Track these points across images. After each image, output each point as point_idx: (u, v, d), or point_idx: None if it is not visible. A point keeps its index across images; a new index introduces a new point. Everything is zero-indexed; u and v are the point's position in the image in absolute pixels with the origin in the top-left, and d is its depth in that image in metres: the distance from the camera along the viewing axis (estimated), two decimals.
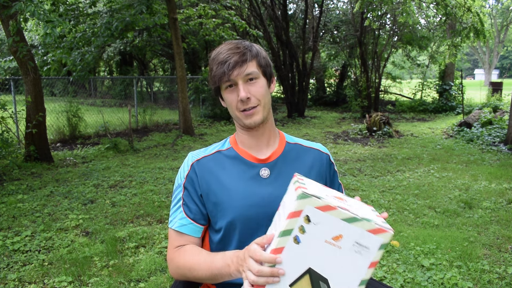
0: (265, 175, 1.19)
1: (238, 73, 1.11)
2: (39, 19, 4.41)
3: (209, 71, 1.17)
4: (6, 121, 5.87)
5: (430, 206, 4.17)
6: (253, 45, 1.17)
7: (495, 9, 30.88)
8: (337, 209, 0.84)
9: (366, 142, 8.32)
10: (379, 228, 0.85)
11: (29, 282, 2.73)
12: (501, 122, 8.88)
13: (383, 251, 0.87)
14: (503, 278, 2.69)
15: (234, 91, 1.13)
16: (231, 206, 1.16)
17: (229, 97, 1.15)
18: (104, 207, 4.21)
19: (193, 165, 1.21)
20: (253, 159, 1.20)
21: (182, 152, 7.28)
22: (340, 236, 0.86)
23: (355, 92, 14.01)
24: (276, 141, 1.25)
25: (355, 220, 0.85)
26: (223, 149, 1.24)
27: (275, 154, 1.22)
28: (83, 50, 8.32)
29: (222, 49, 1.14)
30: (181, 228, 1.17)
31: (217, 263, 1.05)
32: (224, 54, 1.12)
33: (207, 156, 1.23)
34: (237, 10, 12.53)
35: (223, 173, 1.19)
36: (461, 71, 12.58)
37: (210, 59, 1.17)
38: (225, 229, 1.17)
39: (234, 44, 1.14)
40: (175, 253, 1.17)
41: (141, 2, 7.89)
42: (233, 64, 1.10)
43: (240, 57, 1.11)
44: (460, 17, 9.23)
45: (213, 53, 1.16)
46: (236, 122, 1.22)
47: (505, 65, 53.79)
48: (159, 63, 22.00)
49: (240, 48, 1.13)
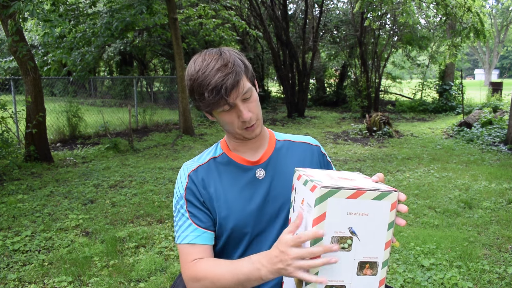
0: (261, 176, 1.18)
1: (236, 95, 1.04)
2: (38, 18, 4.41)
3: (196, 94, 1.05)
4: (6, 121, 5.87)
5: (430, 206, 4.17)
6: (234, 55, 1.07)
7: (495, 9, 30.88)
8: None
9: (366, 142, 8.32)
10: (313, 185, 0.88)
11: (29, 282, 2.73)
12: (501, 122, 8.88)
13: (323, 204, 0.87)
14: (503, 278, 2.69)
15: (233, 112, 1.07)
16: (232, 213, 1.15)
17: (227, 118, 1.09)
18: (104, 207, 4.21)
19: (190, 175, 1.18)
20: (246, 162, 1.19)
21: (182, 152, 7.28)
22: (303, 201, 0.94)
23: (355, 92, 14.01)
24: (266, 140, 1.24)
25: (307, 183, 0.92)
26: (216, 156, 1.22)
27: (266, 154, 1.21)
28: (83, 50, 8.32)
29: (207, 69, 1.02)
30: (196, 239, 1.13)
31: (243, 269, 1.01)
32: (215, 78, 1.01)
33: (202, 165, 1.20)
34: (237, 10, 12.54)
35: (220, 180, 1.18)
36: (461, 71, 12.58)
37: (192, 79, 1.05)
38: (228, 236, 1.16)
39: (219, 62, 1.03)
40: (192, 268, 1.10)
41: (141, 2, 7.89)
42: (230, 88, 1.02)
43: (234, 78, 1.02)
44: (460, 17, 9.22)
45: (194, 71, 1.05)
46: (231, 135, 1.17)
47: (505, 65, 53.78)
48: (159, 63, 21.98)
49: (228, 66, 1.02)
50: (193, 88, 1.06)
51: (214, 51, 1.08)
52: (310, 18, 14.17)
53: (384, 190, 0.89)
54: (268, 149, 1.22)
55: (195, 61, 1.07)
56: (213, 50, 1.09)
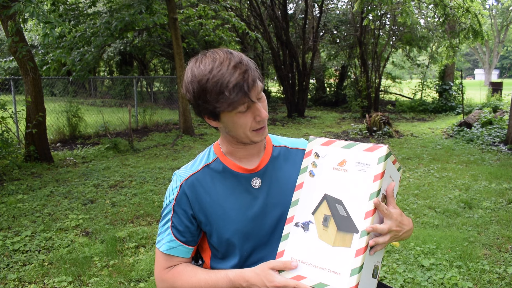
0: (257, 185, 1.15)
1: (256, 93, 1.02)
2: (38, 19, 4.41)
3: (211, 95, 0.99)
4: (6, 121, 5.87)
5: (430, 206, 4.17)
6: (242, 54, 1.04)
7: (495, 9, 30.89)
8: (336, 141, 1.05)
9: (366, 142, 8.31)
10: (373, 145, 1.00)
11: (29, 282, 2.73)
12: (501, 122, 8.88)
13: (385, 163, 0.97)
14: (503, 278, 2.69)
15: (248, 112, 1.04)
16: (228, 224, 1.12)
17: (241, 120, 1.04)
18: (104, 207, 4.21)
19: (182, 186, 1.14)
20: (242, 170, 1.15)
21: (182, 152, 7.28)
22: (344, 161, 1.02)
23: (355, 92, 14.01)
24: (263, 146, 1.20)
25: (352, 145, 1.02)
26: (210, 162, 1.17)
27: (263, 162, 1.17)
28: (83, 50, 8.32)
29: (223, 67, 0.98)
30: (170, 251, 1.14)
31: (221, 284, 1.05)
32: (234, 75, 0.97)
33: (195, 173, 1.16)
34: (237, 11, 12.54)
35: (215, 190, 1.14)
36: (461, 71, 12.58)
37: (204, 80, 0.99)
38: (224, 246, 1.15)
39: (234, 60, 1.00)
40: (167, 274, 1.14)
41: (141, 2, 7.89)
42: (252, 85, 0.99)
43: (253, 75, 1.00)
44: (459, 18, 9.23)
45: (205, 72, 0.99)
46: (234, 139, 1.12)
47: (505, 65, 53.78)
48: (159, 63, 21.98)
49: (243, 63, 1.00)
50: (206, 89, 0.99)
51: (219, 50, 1.04)
52: (310, 18, 14.18)
53: None
54: (264, 157, 1.18)
55: (201, 62, 1.02)
56: (217, 50, 1.04)
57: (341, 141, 1.03)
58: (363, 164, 0.98)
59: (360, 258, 0.92)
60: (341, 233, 0.96)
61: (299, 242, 1.02)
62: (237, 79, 0.97)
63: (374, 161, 0.97)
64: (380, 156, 0.97)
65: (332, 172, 1.02)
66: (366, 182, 0.97)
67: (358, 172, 0.98)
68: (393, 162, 1.02)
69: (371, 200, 0.95)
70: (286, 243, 1.04)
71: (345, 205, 0.98)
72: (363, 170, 0.98)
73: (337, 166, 1.02)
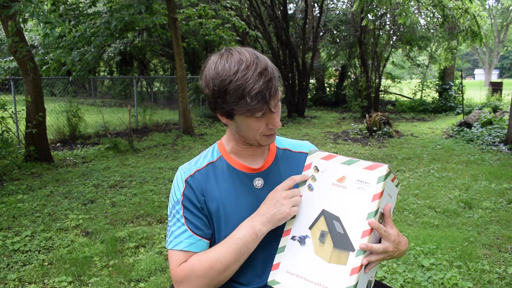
0: (259, 185, 1.16)
1: (275, 102, 1.02)
2: (38, 19, 4.41)
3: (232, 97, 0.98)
4: (6, 121, 5.87)
5: (430, 206, 4.17)
6: (267, 59, 1.03)
7: (495, 9, 30.88)
8: (336, 156, 1.04)
9: (366, 142, 8.32)
10: (373, 164, 0.99)
11: (29, 282, 2.73)
12: (501, 122, 8.88)
13: (384, 183, 0.96)
14: (503, 278, 2.69)
15: (263, 119, 1.04)
16: (229, 221, 1.12)
17: (255, 125, 1.04)
18: (104, 207, 4.21)
19: (187, 180, 1.14)
20: (246, 169, 1.16)
21: (182, 152, 7.28)
22: (343, 178, 1.01)
23: (355, 92, 14.01)
24: (268, 147, 1.22)
25: (352, 162, 1.01)
26: (214, 160, 1.18)
27: (267, 162, 1.18)
28: (83, 50, 8.32)
29: (248, 71, 0.97)
30: (189, 247, 1.08)
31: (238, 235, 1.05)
32: (259, 82, 0.96)
33: (199, 170, 1.16)
34: (237, 11, 12.53)
35: (218, 187, 1.14)
36: (461, 71, 12.59)
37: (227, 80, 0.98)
38: None
39: (260, 66, 0.98)
40: (183, 268, 1.07)
41: (141, 1, 7.89)
42: (273, 94, 0.99)
43: (275, 84, 1.00)
44: (458, 19, 9.23)
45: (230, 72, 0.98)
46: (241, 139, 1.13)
47: (505, 65, 53.79)
48: (159, 63, 22.00)
49: (268, 71, 0.99)
50: (227, 90, 0.98)
51: (245, 51, 1.02)
52: (310, 18, 14.17)
53: None
54: (269, 158, 1.20)
55: (226, 60, 1.00)
56: (244, 50, 1.03)
57: (342, 157, 1.03)
58: (362, 182, 0.98)
59: (355, 277, 0.93)
60: (337, 250, 0.97)
61: (295, 256, 1.02)
62: (260, 87, 0.96)
63: (374, 180, 0.97)
64: (380, 176, 0.96)
65: (331, 187, 1.02)
66: (365, 201, 0.96)
67: (357, 190, 0.98)
68: (392, 180, 1.01)
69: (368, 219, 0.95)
70: (282, 255, 1.04)
71: (342, 222, 0.98)
72: (362, 188, 0.97)
73: (336, 182, 1.01)
